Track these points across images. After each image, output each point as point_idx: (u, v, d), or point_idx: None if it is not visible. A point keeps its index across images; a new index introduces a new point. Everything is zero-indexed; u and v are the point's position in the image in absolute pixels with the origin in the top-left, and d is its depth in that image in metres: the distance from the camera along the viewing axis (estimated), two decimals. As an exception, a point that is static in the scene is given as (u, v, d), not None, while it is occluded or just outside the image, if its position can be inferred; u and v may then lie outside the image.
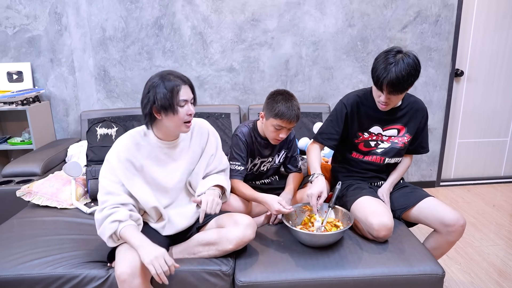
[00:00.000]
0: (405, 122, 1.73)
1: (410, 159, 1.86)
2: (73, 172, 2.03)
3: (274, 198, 1.57)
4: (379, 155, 1.75)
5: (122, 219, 1.30)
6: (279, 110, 1.60)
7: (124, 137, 1.42)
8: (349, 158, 1.81)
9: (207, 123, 1.60)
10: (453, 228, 1.52)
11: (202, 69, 2.82)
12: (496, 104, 3.17)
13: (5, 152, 2.89)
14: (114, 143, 1.41)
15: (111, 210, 1.31)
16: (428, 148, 1.83)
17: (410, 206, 1.66)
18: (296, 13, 2.77)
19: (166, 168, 1.45)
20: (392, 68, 1.47)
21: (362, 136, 1.75)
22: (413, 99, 1.75)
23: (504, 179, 3.35)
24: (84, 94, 2.82)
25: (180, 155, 1.49)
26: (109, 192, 1.35)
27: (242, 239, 1.39)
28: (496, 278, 1.97)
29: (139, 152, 1.41)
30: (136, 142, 1.41)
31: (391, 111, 1.70)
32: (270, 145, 1.81)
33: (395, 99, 1.58)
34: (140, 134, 1.43)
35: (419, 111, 1.74)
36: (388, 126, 1.73)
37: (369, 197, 1.61)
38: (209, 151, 1.56)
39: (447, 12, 2.86)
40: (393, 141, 1.74)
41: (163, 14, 2.70)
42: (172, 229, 1.46)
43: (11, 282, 1.36)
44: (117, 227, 1.29)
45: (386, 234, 1.48)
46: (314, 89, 2.94)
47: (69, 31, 2.69)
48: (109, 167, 1.37)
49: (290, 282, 1.35)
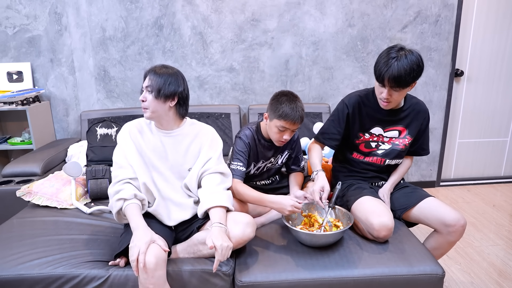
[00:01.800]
0: (406, 123, 1.72)
1: (410, 161, 1.86)
2: (73, 172, 2.03)
3: (285, 197, 1.53)
4: (379, 157, 1.75)
5: (127, 197, 1.40)
6: (283, 111, 1.59)
7: (132, 121, 1.57)
8: (350, 158, 1.81)
9: (213, 129, 1.63)
10: (454, 228, 1.52)
11: (202, 69, 2.82)
12: (496, 104, 3.17)
13: (5, 152, 2.89)
14: (123, 126, 1.57)
15: (120, 187, 1.43)
16: (428, 150, 1.82)
17: (411, 206, 1.65)
18: (296, 13, 2.77)
19: (160, 155, 1.53)
20: (394, 62, 1.46)
21: (363, 136, 1.74)
22: (415, 100, 1.73)
23: (504, 179, 3.35)
24: (84, 94, 2.82)
25: (174, 145, 1.54)
26: (120, 166, 1.48)
27: (242, 238, 1.40)
28: (496, 278, 1.97)
29: (140, 136, 1.53)
30: (140, 126, 1.55)
31: (393, 112, 1.69)
32: (274, 147, 1.80)
33: (396, 96, 1.56)
34: (146, 122, 1.57)
35: (421, 113, 1.72)
36: (389, 128, 1.72)
37: (370, 197, 1.61)
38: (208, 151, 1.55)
39: (447, 12, 2.86)
40: (394, 143, 1.73)
41: (163, 14, 2.70)
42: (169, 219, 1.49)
43: (11, 282, 1.36)
44: (122, 205, 1.40)
45: (386, 234, 1.48)
46: (314, 89, 2.94)
47: (69, 31, 2.69)
48: (118, 145, 1.53)
49: (290, 282, 1.35)
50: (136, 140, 1.52)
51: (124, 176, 1.45)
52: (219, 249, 1.27)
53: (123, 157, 1.49)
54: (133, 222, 1.35)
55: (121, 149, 1.51)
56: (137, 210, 1.40)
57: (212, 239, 1.28)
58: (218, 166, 1.56)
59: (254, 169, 1.82)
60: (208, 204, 1.45)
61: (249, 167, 1.80)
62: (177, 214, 1.51)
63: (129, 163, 1.48)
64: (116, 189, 1.43)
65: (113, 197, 1.43)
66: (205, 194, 1.49)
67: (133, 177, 1.47)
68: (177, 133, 1.55)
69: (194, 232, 1.49)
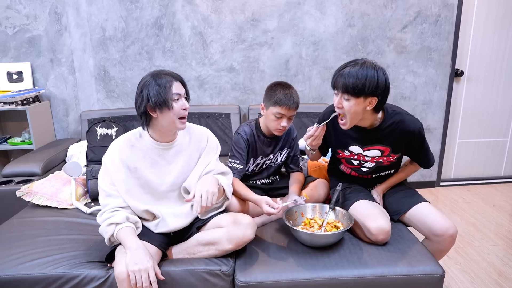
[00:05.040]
0: (388, 143, 1.59)
1: (415, 167, 1.75)
2: (73, 172, 2.03)
3: (262, 199, 1.54)
4: (364, 174, 1.72)
5: (118, 221, 1.33)
6: (278, 98, 1.63)
7: (119, 139, 1.43)
8: (339, 169, 1.79)
9: (207, 130, 1.59)
10: (442, 238, 1.48)
11: (202, 69, 2.82)
12: (496, 104, 3.17)
13: (5, 152, 2.89)
14: (110, 146, 1.42)
15: (110, 214, 1.35)
16: (430, 163, 1.69)
17: (402, 212, 1.63)
18: (296, 13, 2.77)
19: (160, 170, 1.45)
20: (350, 68, 1.41)
21: (342, 153, 1.69)
22: (398, 118, 1.55)
23: (504, 179, 3.35)
24: (84, 94, 2.82)
25: (175, 158, 1.47)
26: (108, 195, 1.38)
27: (242, 239, 1.39)
28: (496, 278, 1.97)
29: (133, 153, 1.41)
30: (131, 144, 1.42)
31: (369, 131, 1.58)
32: (273, 143, 1.82)
33: (348, 106, 1.44)
34: (136, 136, 1.44)
35: (405, 133, 1.56)
36: (368, 147, 1.61)
37: (365, 201, 1.59)
38: (207, 156, 1.53)
39: (447, 12, 2.86)
40: (378, 161, 1.65)
41: (163, 14, 2.70)
42: (165, 228, 1.45)
43: (11, 282, 1.36)
44: (113, 230, 1.32)
45: (384, 237, 1.47)
46: (314, 89, 2.94)
47: (69, 31, 2.69)
48: (105, 169, 1.40)
49: (290, 282, 1.35)
50: (129, 162, 1.40)
51: (114, 205, 1.36)
52: (198, 192, 1.29)
53: (111, 184, 1.38)
54: (128, 242, 1.27)
55: (109, 176, 1.38)
56: (131, 231, 1.33)
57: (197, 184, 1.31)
58: (218, 166, 1.55)
59: (253, 166, 1.82)
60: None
61: (248, 163, 1.81)
62: (175, 224, 1.47)
63: (118, 192, 1.38)
64: (105, 217, 1.35)
65: (102, 223, 1.34)
66: None
67: (123, 205, 1.38)
68: (176, 143, 1.47)
69: (194, 232, 1.49)
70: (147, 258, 1.24)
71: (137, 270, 1.21)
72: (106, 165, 1.39)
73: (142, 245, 1.28)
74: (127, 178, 1.40)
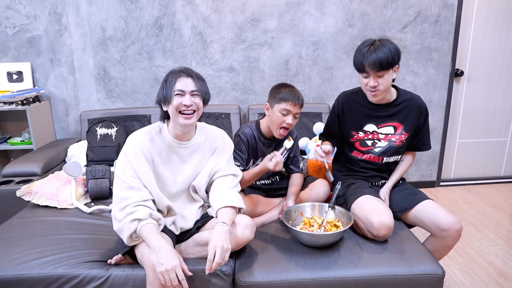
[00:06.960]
0: (401, 119, 1.71)
1: (412, 157, 1.85)
2: (73, 172, 2.03)
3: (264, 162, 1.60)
4: (377, 155, 1.75)
5: (142, 217, 1.29)
6: (283, 94, 1.67)
7: (139, 132, 1.42)
8: (350, 157, 1.82)
9: (223, 132, 1.59)
10: (448, 233, 1.51)
11: (202, 69, 2.82)
12: (496, 104, 3.17)
13: (5, 152, 2.89)
14: (129, 137, 1.40)
15: (133, 209, 1.30)
16: (429, 145, 1.81)
17: (408, 208, 1.65)
18: (296, 13, 2.77)
19: (174, 168, 1.45)
20: (371, 48, 1.55)
21: (356, 135, 1.76)
22: (409, 95, 1.73)
23: (504, 179, 3.35)
24: (84, 94, 2.82)
25: (190, 157, 1.47)
26: (130, 187, 1.33)
27: (241, 239, 1.40)
28: (496, 278, 1.97)
29: (152, 146, 1.40)
30: (150, 137, 1.41)
31: (384, 107, 1.70)
32: (273, 144, 1.82)
33: (383, 82, 1.57)
34: (156, 130, 1.44)
35: (416, 108, 1.71)
36: (383, 124, 1.72)
37: (370, 196, 1.61)
38: (218, 156, 1.52)
39: (447, 12, 2.86)
40: (390, 139, 1.73)
41: (163, 14, 2.70)
42: (174, 227, 1.46)
43: (11, 282, 1.36)
44: (136, 226, 1.28)
45: (386, 233, 1.48)
46: (314, 89, 2.94)
47: (69, 31, 2.69)
48: (126, 161, 1.36)
49: (290, 282, 1.35)
50: (148, 155, 1.38)
51: (137, 199, 1.31)
52: (211, 250, 1.25)
53: (133, 176, 1.34)
54: (153, 241, 1.24)
55: (131, 167, 1.34)
56: (155, 229, 1.29)
57: (211, 239, 1.27)
58: (228, 168, 1.53)
59: (254, 166, 1.82)
60: (218, 206, 1.40)
61: (248, 164, 1.81)
62: (181, 224, 1.47)
63: (143, 183, 1.35)
64: (127, 211, 1.29)
65: (125, 218, 1.29)
66: (215, 197, 1.45)
67: (147, 198, 1.34)
68: (193, 143, 1.47)
69: (194, 233, 1.49)
70: (172, 256, 1.21)
71: (165, 271, 1.18)
72: (128, 157, 1.35)
73: (165, 243, 1.25)
74: (148, 171, 1.38)
